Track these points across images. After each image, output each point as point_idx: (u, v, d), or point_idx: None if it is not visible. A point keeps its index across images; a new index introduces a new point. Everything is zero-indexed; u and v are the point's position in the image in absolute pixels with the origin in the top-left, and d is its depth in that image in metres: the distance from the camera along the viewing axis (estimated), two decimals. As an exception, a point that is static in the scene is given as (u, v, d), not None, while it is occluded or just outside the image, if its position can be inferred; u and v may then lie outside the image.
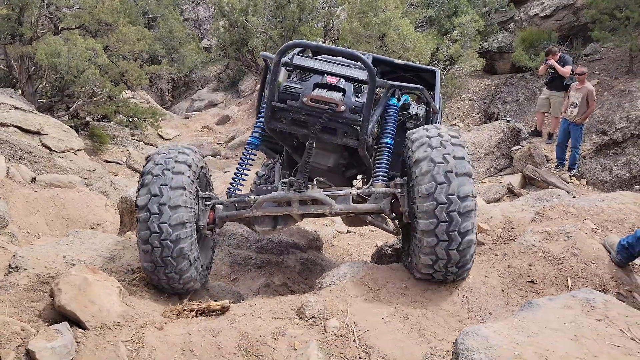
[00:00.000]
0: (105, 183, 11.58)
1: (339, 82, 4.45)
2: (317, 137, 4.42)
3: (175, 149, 4.47)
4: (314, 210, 4.49)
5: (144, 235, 4.14)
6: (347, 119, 4.40)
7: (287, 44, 4.27)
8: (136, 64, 18.71)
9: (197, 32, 35.76)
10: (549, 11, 15.49)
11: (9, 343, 3.38)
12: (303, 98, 4.36)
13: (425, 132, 4.23)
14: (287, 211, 4.54)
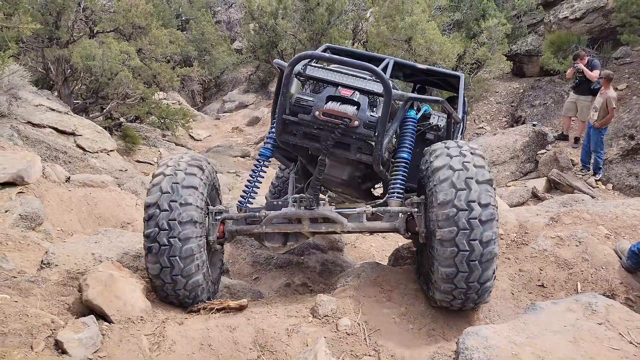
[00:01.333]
0: (136, 183, 11.92)
1: (353, 95, 4.27)
2: (330, 152, 4.24)
3: (188, 155, 4.49)
4: (325, 228, 4.40)
5: (151, 233, 4.07)
6: (360, 134, 4.20)
7: (299, 56, 4.12)
8: (168, 66, 19.11)
9: (229, 34, 36.26)
10: (579, 14, 15.37)
11: (40, 334, 3.62)
12: (315, 112, 4.16)
13: (443, 144, 4.14)
14: (297, 229, 4.46)
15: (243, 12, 36.85)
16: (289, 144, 4.56)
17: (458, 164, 3.87)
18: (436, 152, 4.08)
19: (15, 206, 8.41)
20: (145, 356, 3.77)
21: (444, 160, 3.92)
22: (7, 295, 3.98)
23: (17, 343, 3.51)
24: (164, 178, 4.15)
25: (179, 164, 4.26)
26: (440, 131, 5.18)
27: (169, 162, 4.32)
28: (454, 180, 3.79)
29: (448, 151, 3.99)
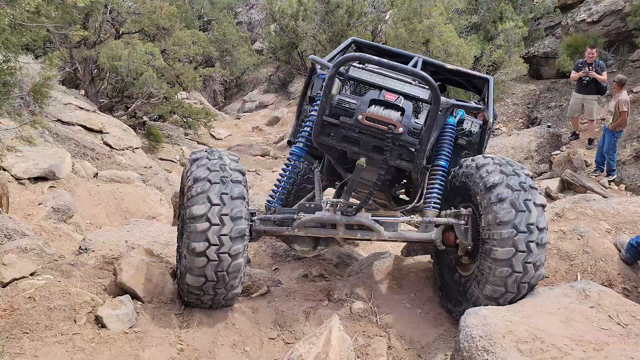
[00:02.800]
0: (160, 179, 12.37)
1: (397, 100, 4.06)
2: (369, 156, 4.09)
3: (226, 154, 4.21)
4: (360, 235, 4.27)
5: (199, 247, 3.79)
6: (404, 141, 4.02)
7: (347, 57, 3.96)
8: (191, 67, 19.58)
9: (250, 34, 36.74)
10: (596, 17, 15.51)
11: (82, 309, 4.01)
12: (358, 115, 3.95)
13: (491, 159, 4.09)
14: (331, 234, 4.29)
15: (264, 13, 37.39)
16: (323, 145, 4.35)
17: (516, 184, 3.86)
18: (487, 166, 4.02)
19: (48, 199, 8.89)
20: (175, 332, 4.14)
21: (499, 177, 3.89)
22: (51, 276, 4.38)
23: (62, 317, 3.90)
24: (210, 186, 3.83)
25: (224, 169, 3.95)
26: (472, 137, 5.00)
27: (210, 165, 3.97)
28: (513, 200, 3.78)
29: (501, 168, 3.97)
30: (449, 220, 4.23)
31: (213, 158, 4.07)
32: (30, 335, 3.66)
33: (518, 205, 3.77)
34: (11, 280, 4.24)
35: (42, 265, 4.61)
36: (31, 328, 3.72)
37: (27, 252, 4.80)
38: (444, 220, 4.24)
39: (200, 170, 3.92)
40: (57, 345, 3.61)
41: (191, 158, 4.18)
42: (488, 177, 3.93)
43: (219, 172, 3.92)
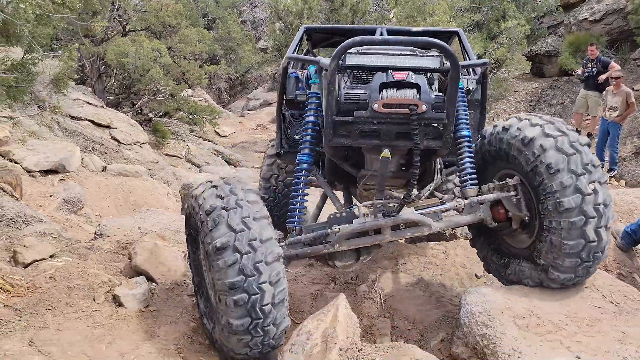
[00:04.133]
0: (168, 173, 12.59)
1: (409, 77, 3.56)
2: (392, 146, 3.64)
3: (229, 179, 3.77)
4: (410, 234, 3.84)
5: (236, 283, 3.26)
6: (430, 119, 3.56)
7: (347, 44, 3.43)
8: (196, 64, 19.79)
9: (254, 33, 36.96)
10: (598, 16, 15.66)
11: (100, 289, 4.21)
12: (373, 105, 3.48)
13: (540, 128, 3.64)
14: (377, 241, 3.80)
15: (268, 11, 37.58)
16: (337, 148, 3.87)
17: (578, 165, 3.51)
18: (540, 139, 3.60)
19: (59, 191, 9.09)
20: (187, 311, 4.34)
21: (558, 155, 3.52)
22: (69, 258, 4.58)
23: (81, 295, 4.10)
24: (227, 213, 3.37)
25: (235, 192, 3.53)
26: (472, 95, 4.62)
27: (219, 192, 3.53)
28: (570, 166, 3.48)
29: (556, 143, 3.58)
30: (497, 194, 3.88)
31: (217, 185, 3.62)
32: (53, 311, 3.85)
33: (576, 169, 3.47)
34: (32, 262, 4.45)
35: (60, 248, 4.81)
36: (53, 305, 3.92)
37: (45, 236, 5.00)
38: (493, 196, 3.89)
39: (210, 200, 3.48)
40: (78, 320, 3.80)
41: (192, 193, 3.73)
42: (545, 155, 3.52)
43: (232, 196, 3.48)
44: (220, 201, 3.45)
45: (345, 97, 3.59)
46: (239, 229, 3.33)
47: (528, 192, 3.78)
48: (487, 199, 3.90)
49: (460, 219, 3.96)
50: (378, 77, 3.59)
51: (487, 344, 3.36)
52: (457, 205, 3.91)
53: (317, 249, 3.81)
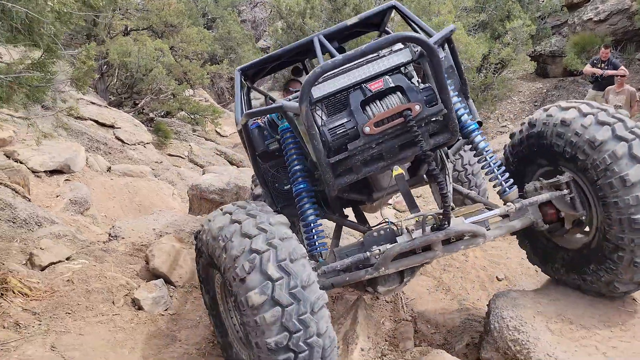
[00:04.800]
0: (172, 174, 12.50)
1: (386, 83, 3.27)
2: (399, 160, 3.32)
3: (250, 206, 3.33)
4: (463, 246, 3.38)
5: (279, 341, 2.84)
6: (429, 116, 3.23)
7: (309, 80, 2.99)
8: (198, 64, 19.70)
9: (254, 32, 36.88)
10: (603, 16, 15.62)
11: (119, 292, 4.14)
12: (364, 129, 3.14)
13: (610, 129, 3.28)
14: (427, 259, 3.37)
15: (268, 11, 37.53)
16: None
17: None
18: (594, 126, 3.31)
19: (66, 192, 9.01)
20: (206, 315, 4.26)
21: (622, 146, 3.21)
22: (85, 261, 4.50)
23: (100, 299, 4.03)
24: (259, 257, 2.91)
25: (263, 225, 3.06)
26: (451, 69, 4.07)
27: (245, 229, 3.05)
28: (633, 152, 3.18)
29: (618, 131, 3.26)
30: (551, 194, 3.56)
31: (240, 219, 3.13)
32: (73, 315, 3.78)
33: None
34: (49, 264, 4.38)
35: (75, 250, 4.73)
36: (73, 309, 3.85)
37: (60, 238, 4.92)
38: (546, 197, 3.56)
39: (237, 242, 2.99)
40: (99, 324, 3.73)
41: (209, 227, 3.24)
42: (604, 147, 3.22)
43: (261, 233, 3.00)
44: (247, 241, 2.96)
45: (331, 134, 3.18)
46: (277, 276, 2.84)
47: (582, 189, 3.48)
48: (539, 200, 3.57)
49: (513, 224, 3.57)
50: (354, 97, 3.27)
51: (520, 350, 3.29)
52: (507, 210, 3.50)
53: (356, 275, 3.33)
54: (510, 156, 3.96)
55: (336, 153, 3.20)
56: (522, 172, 3.89)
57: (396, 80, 3.29)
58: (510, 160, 3.96)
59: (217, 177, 8.84)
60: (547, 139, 3.52)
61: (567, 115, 3.42)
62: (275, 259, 2.88)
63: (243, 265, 2.86)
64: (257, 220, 3.06)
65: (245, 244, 2.93)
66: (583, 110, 3.39)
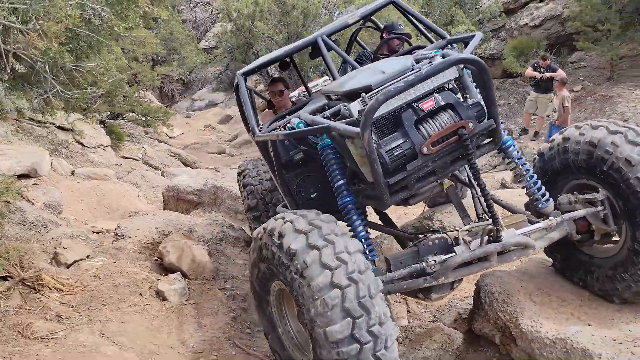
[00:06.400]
0: (136, 176, 12.67)
1: (437, 101, 3.26)
2: (449, 172, 3.46)
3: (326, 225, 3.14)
4: (516, 257, 3.56)
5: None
6: (482, 131, 3.34)
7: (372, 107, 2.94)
8: (147, 66, 19.75)
9: (195, 33, 36.81)
10: (538, 21, 16.74)
11: (144, 285, 4.52)
12: (422, 149, 3.16)
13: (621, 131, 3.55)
14: (483, 269, 3.53)
15: (209, 11, 37.62)
16: None
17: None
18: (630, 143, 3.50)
19: (39, 196, 9.11)
20: (223, 303, 4.70)
21: None
22: (104, 258, 4.84)
23: (128, 292, 4.41)
24: (341, 293, 2.85)
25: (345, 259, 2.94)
26: None
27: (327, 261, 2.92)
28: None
29: None
30: (587, 210, 3.78)
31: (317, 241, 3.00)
32: (109, 306, 4.15)
33: None
34: (73, 262, 4.69)
35: (92, 249, 5.05)
36: (107, 301, 4.21)
37: (74, 238, 5.21)
38: (583, 212, 3.77)
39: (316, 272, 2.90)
40: (135, 314, 4.12)
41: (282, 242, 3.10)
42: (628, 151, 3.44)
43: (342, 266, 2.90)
44: (328, 275, 2.87)
45: (389, 156, 3.18)
46: (357, 314, 2.82)
47: (614, 205, 3.71)
48: (577, 215, 3.77)
49: (551, 235, 3.73)
50: (407, 118, 3.25)
51: (510, 319, 3.90)
52: (550, 224, 3.70)
53: (415, 284, 3.41)
54: (541, 168, 4.13)
55: (394, 174, 3.24)
56: (553, 184, 4.06)
57: (445, 97, 3.30)
58: (541, 171, 4.12)
59: (193, 179, 9.19)
60: (587, 157, 3.69)
61: (595, 134, 3.63)
62: (357, 296, 2.85)
63: (325, 300, 2.82)
64: (336, 249, 2.95)
65: (326, 278, 2.86)
66: (611, 128, 3.61)
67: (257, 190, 5.62)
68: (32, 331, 3.69)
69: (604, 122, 3.71)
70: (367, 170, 3.24)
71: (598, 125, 3.67)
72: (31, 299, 4.08)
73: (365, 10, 4.62)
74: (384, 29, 5.68)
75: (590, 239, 3.93)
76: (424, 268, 3.37)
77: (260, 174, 5.72)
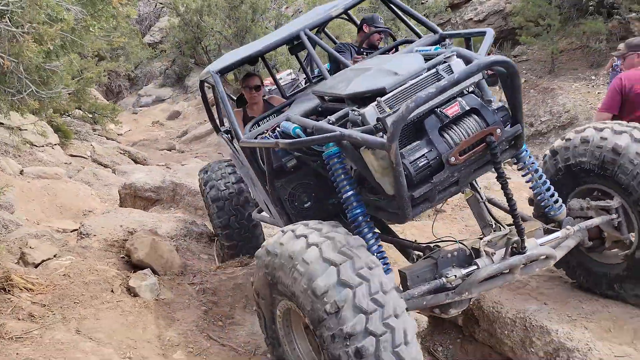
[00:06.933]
0: (88, 174, 12.46)
1: (462, 106, 2.99)
2: (471, 180, 3.25)
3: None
4: (538, 269, 3.35)
5: None
6: (508, 137, 3.11)
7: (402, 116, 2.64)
8: (93, 62, 19.36)
9: (140, 27, 36.17)
10: (482, 16, 17.27)
11: (115, 282, 4.57)
12: (450, 158, 2.89)
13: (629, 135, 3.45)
14: (507, 282, 3.30)
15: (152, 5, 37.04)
16: None
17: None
18: None
19: (-11, 196, 8.91)
20: (193, 298, 4.78)
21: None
22: (72, 257, 4.84)
23: (99, 289, 4.44)
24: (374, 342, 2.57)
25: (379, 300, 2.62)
26: None
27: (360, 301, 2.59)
28: None
29: None
30: (602, 218, 3.63)
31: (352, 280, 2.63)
32: (82, 304, 4.18)
33: None
34: (41, 262, 4.68)
35: (58, 248, 5.03)
36: (79, 299, 4.24)
37: (40, 238, 5.18)
38: (599, 220, 3.62)
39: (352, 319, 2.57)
40: (109, 310, 4.16)
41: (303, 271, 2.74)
42: None
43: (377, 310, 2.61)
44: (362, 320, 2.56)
45: (414, 167, 2.90)
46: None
47: (627, 213, 3.60)
48: (594, 224, 3.62)
49: (566, 243, 3.53)
50: (431, 125, 2.95)
51: (472, 302, 4.14)
52: (568, 233, 3.51)
53: (436, 299, 3.12)
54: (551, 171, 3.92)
55: (419, 186, 2.96)
56: (560, 187, 3.81)
57: (469, 101, 3.04)
58: (551, 174, 3.89)
59: (149, 176, 9.16)
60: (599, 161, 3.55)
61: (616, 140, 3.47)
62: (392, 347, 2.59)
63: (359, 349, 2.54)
64: (372, 290, 2.62)
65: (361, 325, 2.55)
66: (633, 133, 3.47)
67: (223, 193, 5.51)
68: (6, 331, 3.69)
69: (626, 127, 3.53)
70: (388, 182, 2.93)
71: (622, 131, 3.48)
72: (1, 300, 4.07)
73: (349, 3, 4.27)
74: (362, 22, 5.48)
75: (601, 246, 3.83)
76: (444, 283, 3.08)
77: (226, 176, 5.62)
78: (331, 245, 2.76)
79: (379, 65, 3.36)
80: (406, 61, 3.29)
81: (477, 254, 3.21)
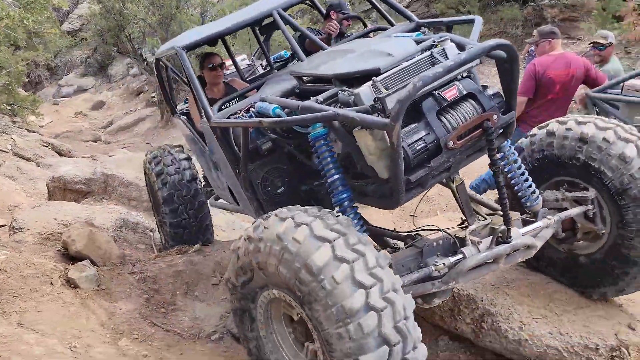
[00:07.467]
0: (10, 168, 12.04)
1: (460, 89, 2.96)
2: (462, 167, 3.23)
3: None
4: (521, 258, 3.33)
5: None
6: (504, 121, 3.07)
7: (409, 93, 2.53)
8: (9, 51, 18.59)
9: (57, 14, 34.82)
10: (405, 3, 17.70)
11: (53, 274, 4.56)
12: (448, 142, 2.85)
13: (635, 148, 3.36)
14: (491, 271, 3.27)
15: (71, -8, 35.59)
16: None
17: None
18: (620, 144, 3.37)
19: None
20: (134, 287, 4.84)
21: None
22: (7, 252, 4.78)
23: (38, 282, 4.42)
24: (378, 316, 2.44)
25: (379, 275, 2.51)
26: None
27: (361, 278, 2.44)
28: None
29: None
30: (580, 209, 3.59)
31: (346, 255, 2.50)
32: (22, 297, 4.16)
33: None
34: (-27, 258, 4.60)
35: (-10, 243, 4.96)
36: (18, 293, 4.21)
37: (-31, 234, 5.08)
38: (577, 211, 3.59)
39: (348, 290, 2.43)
40: (50, 302, 4.17)
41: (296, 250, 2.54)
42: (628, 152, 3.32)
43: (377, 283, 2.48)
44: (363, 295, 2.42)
45: (412, 150, 2.82)
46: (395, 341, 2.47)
47: (601, 204, 3.59)
48: (572, 214, 3.58)
49: (546, 233, 3.52)
50: (429, 107, 2.90)
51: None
52: (548, 223, 3.49)
53: (423, 289, 3.04)
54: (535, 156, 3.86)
55: (416, 170, 2.87)
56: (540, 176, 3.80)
57: (467, 85, 3.00)
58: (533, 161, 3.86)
59: (79, 168, 9.00)
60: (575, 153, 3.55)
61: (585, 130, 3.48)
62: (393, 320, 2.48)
63: (360, 325, 2.41)
64: (369, 264, 2.51)
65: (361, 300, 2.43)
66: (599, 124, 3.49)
67: (173, 180, 5.34)
68: (-55, 328, 3.66)
69: (589, 117, 3.59)
70: (383, 165, 2.84)
71: (585, 121, 3.53)
72: (-63, 298, 4.01)
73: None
74: (330, 9, 5.28)
75: (572, 237, 3.83)
76: (432, 272, 3.02)
77: (176, 162, 5.43)
78: (322, 223, 2.60)
79: (366, 47, 3.28)
80: (398, 43, 3.23)
81: (462, 243, 3.16)
